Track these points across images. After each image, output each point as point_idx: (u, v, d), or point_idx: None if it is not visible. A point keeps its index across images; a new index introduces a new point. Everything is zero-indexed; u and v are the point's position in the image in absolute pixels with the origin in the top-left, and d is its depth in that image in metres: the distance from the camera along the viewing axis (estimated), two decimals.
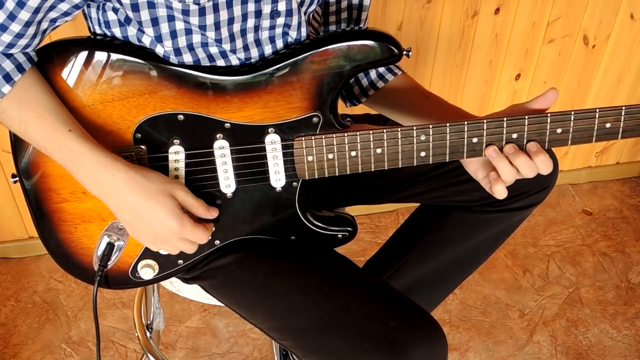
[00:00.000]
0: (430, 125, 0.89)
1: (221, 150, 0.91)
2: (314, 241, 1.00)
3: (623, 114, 0.87)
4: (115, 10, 0.86)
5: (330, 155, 0.92)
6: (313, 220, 0.98)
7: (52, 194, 0.92)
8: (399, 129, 0.89)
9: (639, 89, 2.02)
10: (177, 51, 0.86)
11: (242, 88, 0.88)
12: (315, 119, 0.90)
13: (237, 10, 0.85)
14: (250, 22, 0.87)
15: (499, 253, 1.93)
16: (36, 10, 0.80)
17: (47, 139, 0.84)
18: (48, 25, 0.85)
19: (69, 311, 1.75)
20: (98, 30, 0.90)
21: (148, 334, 1.29)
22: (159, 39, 0.85)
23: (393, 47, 0.88)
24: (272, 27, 0.89)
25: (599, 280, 1.88)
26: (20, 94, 0.84)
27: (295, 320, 0.93)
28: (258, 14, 0.87)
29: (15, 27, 0.80)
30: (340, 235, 1.01)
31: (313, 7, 0.95)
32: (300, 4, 0.91)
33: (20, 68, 0.84)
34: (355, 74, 0.89)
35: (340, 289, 0.93)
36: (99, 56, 0.87)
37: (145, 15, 0.83)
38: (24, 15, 0.80)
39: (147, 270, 0.97)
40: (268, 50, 0.91)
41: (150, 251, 0.96)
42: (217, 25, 0.85)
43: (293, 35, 0.91)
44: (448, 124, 0.89)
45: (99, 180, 0.84)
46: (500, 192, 0.90)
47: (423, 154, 0.91)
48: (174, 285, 1.12)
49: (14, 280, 1.83)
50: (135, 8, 0.82)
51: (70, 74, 0.87)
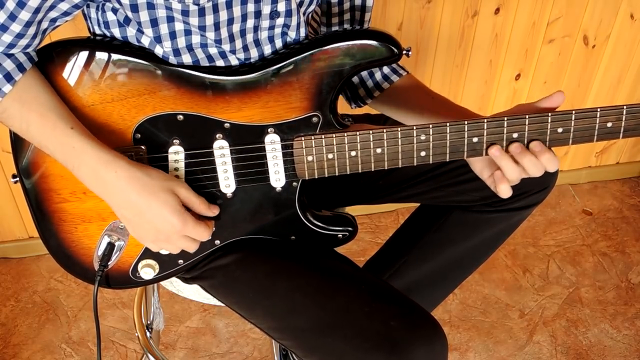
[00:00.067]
0: (430, 125, 0.89)
1: (221, 150, 0.91)
2: (314, 241, 1.00)
3: (624, 113, 0.87)
4: (114, 11, 0.86)
5: (330, 155, 0.91)
6: (313, 220, 0.98)
7: (53, 194, 0.92)
8: (399, 129, 0.89)
9: (639, 89, 2.02)
10: (176, 52, 0.86)
11: (242, 88, 0.88)
12: (314, 119, 0.90)
13: (237, 10, 0.85)
14: (250, 23, 0.87)
15: (499, 253, 1.93)
16: (36, 10, 0.80)
17: (49, 137, 0.84)
18: (48, 25, 0.85)
19: (69, 311, 1.74)
20: (97, 31, 0.90)
21: (148, 334, 1.29)
22: (158, 39, 0.85)
23: (392, 47, 0.88)
24: (272, 28, 0.89)
25: (599, 280, 1.88)
26: (21, 93, 0.84)
27: (295, 320, 0.93)
28: (258, 14, 0.87)
29: (15, 27, 0.80)
30: (340, 235, 1.00)
31: (312, 8, 0.95)
32: (300, 5, 0.91)
33: (21, 67, 0.84)
34: (355, 73, 0.89)
35: (340, 289, 0.93)
36: (99, 56, 0.87)
37: (144, 15, 0.83)
38: (25, 15, 0.80)
39: (148, 270, 0.97)
40: (267, 50, 0.91)
41: (150, 251, 0.96)
42: (217, 26, 0.85)
43: (292, 35, 0.91)
44: (448, 124, 0.88)
45: (101, 177, 0.84)
46: (504, 191, 0.90)
47: (423, 153, 0.91)
48: (174, 285, 1.12)
49: (14, 280, 1.83)
50: (134, 9, 0.82)
51: (70, 75, 0.87)
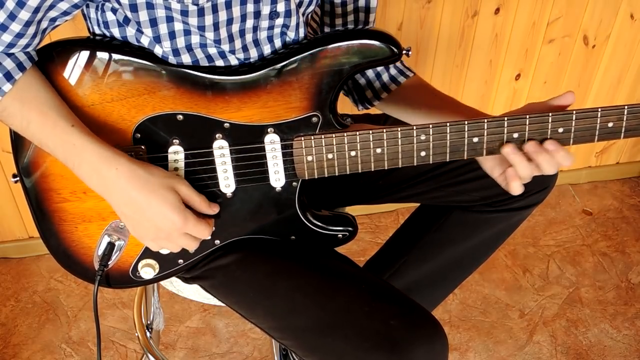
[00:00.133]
0: (430, 125, 0.89)
1: (220, 150, 0.91)
2: (314, 241, 1.00)
3: (625, 113, 0.87)
4: (114, 11, 0.86)
5: (330, 155, 0.91)
6: (313, 220, 0.98)
7: (53, 193, 0.92)
8: (399, 129, 0.89)
9: (639, 89, 2.02)
10: (176, 52, 0.86)
11: (241, 88, 0.88)
12: (314, 119, 0.90)
13: (236, 11, 0.85)
14: (249, 23, 0.87)
15: (499, 253, 1.93)
16: (36, 10, 0.80)
17: (49, 135, 0.84)
18: (48, 24, 0.85)
19: (69, 311, 1.74)
20: (97, 31, 0.90)
21: (148, 334, 1.29)
22: (157, 39, 0.85)
23: (392, 46, 0.88)
24: (271, 28, 0.89)
25: (599, 280, 1.88)
26: (21, 92, 0.84)
27: (295, 319, 0.93)
28: (257, 14, 0.87)
29: (15, 27, 0.80)
30: (340, 235, 1.00)
31: (311, 8, 0.95)
32: (299, 5, 0.91)
33: (21, 67, 0.84)
34: (354, 73, 0.89)
35: (340, 289, 0.93)
36: (99, 56, 0.87)
37: (143, 15, 0.83)
38: (24, 15, 0.80)
39: (148, 269, 0.97)
40: (267, 50, 0.91)
41: (150, 250, 0.95)
42: (216, 26, 0.85)
43: (291, 35, 0.91)
44: (448, 124, 0.88)
45: (101, 175, 0.84)
46: (516, 189, 0.91)
47: (423, 153, 0.91)
48: (174, 285, 1.12)
49: (14, 280, 1.83)
50: (133, 8, 0.82)
51: (70, 74, 0.87)
